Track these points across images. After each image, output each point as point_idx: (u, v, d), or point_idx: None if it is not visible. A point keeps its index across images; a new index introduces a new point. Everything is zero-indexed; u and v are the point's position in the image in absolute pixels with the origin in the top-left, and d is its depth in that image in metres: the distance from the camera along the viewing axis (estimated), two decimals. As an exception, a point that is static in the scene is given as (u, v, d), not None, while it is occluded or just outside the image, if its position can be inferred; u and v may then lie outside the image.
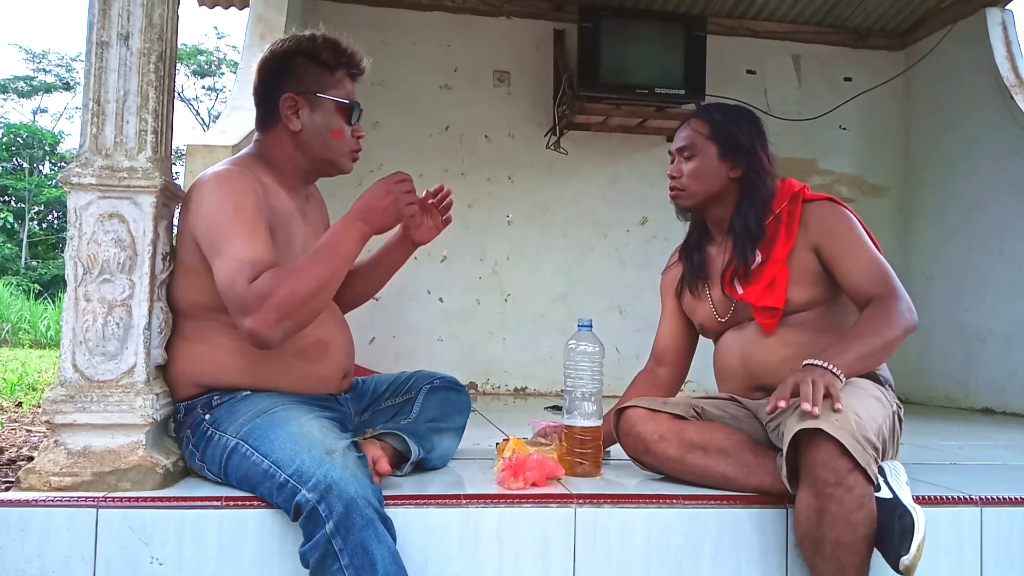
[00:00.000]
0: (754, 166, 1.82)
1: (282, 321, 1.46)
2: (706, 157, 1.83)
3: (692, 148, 1.85)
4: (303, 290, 1.48)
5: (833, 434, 1.42)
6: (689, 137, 1.86)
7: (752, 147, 1.82)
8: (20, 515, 1.46)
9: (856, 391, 1.58)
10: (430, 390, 1.91)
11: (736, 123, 1.85)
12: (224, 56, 21.98)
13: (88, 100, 1.62)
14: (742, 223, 1.81)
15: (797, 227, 1.77)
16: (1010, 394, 3.77)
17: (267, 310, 1.44)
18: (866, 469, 1.43)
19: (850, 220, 1.77)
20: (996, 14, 4.03)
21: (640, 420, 1.77)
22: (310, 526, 1.36)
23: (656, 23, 4.15)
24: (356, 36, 1.77)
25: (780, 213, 1.80)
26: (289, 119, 1.69)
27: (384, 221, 1.62)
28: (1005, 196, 3.86)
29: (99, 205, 1.59)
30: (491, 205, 4.31)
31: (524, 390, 4.25)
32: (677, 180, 1.87)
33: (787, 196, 1.81)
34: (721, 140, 1.83)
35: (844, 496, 1.42)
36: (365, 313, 4.05)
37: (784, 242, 1.77)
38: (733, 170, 1.82)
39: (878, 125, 4.63)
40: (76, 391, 1.56)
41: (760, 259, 1.79)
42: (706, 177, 1.83)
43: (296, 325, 1.50)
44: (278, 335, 1.47)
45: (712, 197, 1.85)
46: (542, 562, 1.58)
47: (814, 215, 1.77)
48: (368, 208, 1.60)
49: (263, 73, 1.73)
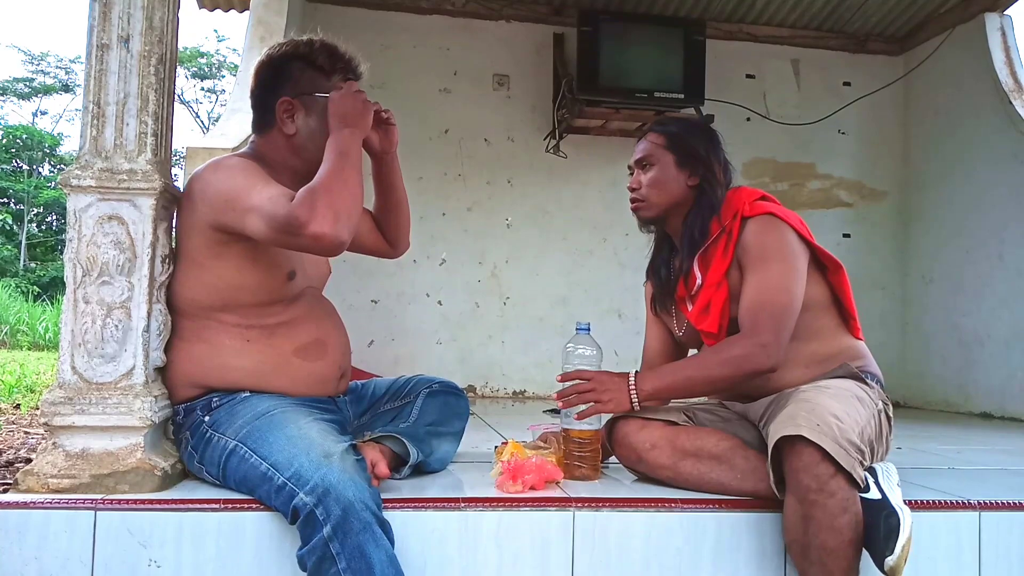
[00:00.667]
0: (707, 175, 1.83)
1: (339, 217, 1.47)
2: (664, 166, 1.84)
3: (650, 158, 1.86)
4: (339, 187, 1.50)
5: (814, 440, 1.43)
6: (646, 148, 1.87)
7: (707, 157, 1.84)
8: (18, 517, 1.46)
9: (837, 393, 1.59)
10: (429, 394, 1.91)
11: (691, 132, 1.87)
12: (224, 59, 22.01)
13: (88, 102, 1.62)
14: (688, 232, 1.82)
15: (734, 246, 1.75)
16: (1008, 398, 3.77)
17: (320, 211, 1.45)
18: (851, 473, 1.44)
19: (770, 240, 1.72)
20: (995, 19, 4.03)
21: (632, 430, 1.77)
22: (308, 529, 1.36)
23: (655, 27, 4.16)
24: (356, 39, 1.78)
25: (723, 229, 1.78)
26: (284, 122, 1.69)
27: (362, 119, 1.62)
28: (1004, 201, 3.86)
29: (99, 207, 1.59)
30: (490, 208, 4.32)
31: (523, 393, 4.24)
32: (637, 191, 1.87)
33: (734, 210, 1.79)
34: (677, 149, 1.84)
35: (827, 501, 1.42)
36: (364, 316, 4.10)
37: (720, 260, 1.76)
38: (691, 178, 1.83)
39: (877, 130, 4.63)
40: (75, 393, 1.56)
41: (699, 281, 1.79)
42: (665, 186, 1.84)
43: (351, 220, 1.50)
44: (343, 231, 1.48)
45: (672, 206, 1.85)
46: (541, 566, 1.57)
47: (747, 231, 1.75)
48: (342, 115, 1.60)
49: (259, 76, 1.74)
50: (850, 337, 1.80)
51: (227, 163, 1.64)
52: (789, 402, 1.59)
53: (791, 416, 1.50)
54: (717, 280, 1.76)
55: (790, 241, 1.73)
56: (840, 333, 1.80)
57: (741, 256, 1.74)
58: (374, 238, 1.99)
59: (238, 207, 1.53)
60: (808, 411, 1.49)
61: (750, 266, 1.72)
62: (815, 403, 1.53)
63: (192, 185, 1.64)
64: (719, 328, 1.75)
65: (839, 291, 1.79)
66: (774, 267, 1.70)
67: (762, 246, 1.72)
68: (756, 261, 1.71)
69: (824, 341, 1.76)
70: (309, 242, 1.47)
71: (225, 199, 1.56)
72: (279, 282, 1.66)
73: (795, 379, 1.71)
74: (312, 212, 1.44)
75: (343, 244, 1.49)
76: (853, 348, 1.78)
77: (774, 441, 1.48)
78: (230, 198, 1.55)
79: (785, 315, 1.67)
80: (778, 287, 1.68)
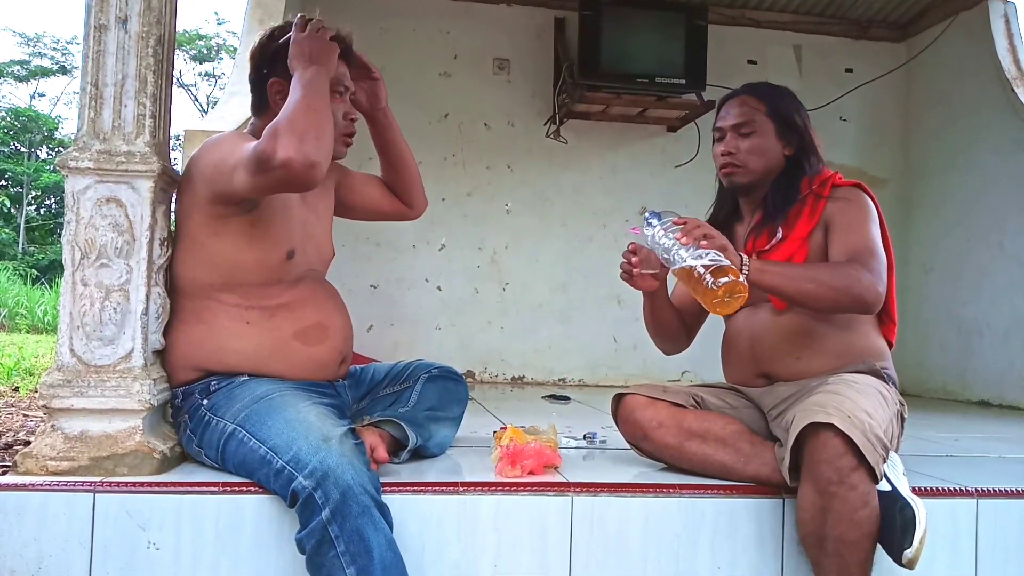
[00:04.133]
0: (804, 145, 1.82)
1: (303, 139, 1.44)
2: (765, 134, 1.82)
3: (751, 125, 1.82)
4: (301, 114, 1.47)
5: (845, 431, 1.41)
6: (747, 113, 1.82)
7: (805, 126, 1.83)
8: (17, 499, 1.46)
9: (864, 388, 1.58)
10: (428, 379, 1.91)
11: (789, 102, 1.85)
12: (223, 42, 21.89)
13: (86, 84, 1.61)
14: (775, 194, 1.80)
15: (823, 207, 1.75)
16: (1007, 387, 3.77)
17: (283, 137, 1.43)
18: (874, 468, 1.43)
19: (864, 205, 1.76)
20: (998, 6, 4.00)
21: (639, 407, 1.77)
22: (306, 513, 1.36)
23: (657, 12, 4.12)
24: (355, 22, 1.77)
25: (808, 195, 1.79)
26: (276, 103, 1.67)
27: (326, 56, 1.59)
28: (1005, 189, 3.85)
29: (97, 189, 1.58)
30: (490, 194, 4.30)
31: (522, 379, 4.24)
32: (734, 156, 1.82)
33: (824, 176, 1.81)
34: (778, 118, 1.82)
35: (848, 494, 1.41)
36: (363, 301, 4.09)
37: (807, 221, 1.76)
38: (787, 148, 1.82)
39: (879, 117, 4.61)
40: (73, 376, 1.55)
41: (780, 235, 1.78)
42: (765, 154, 1.81)
43: (319, 142, 1.47)
44: (310, 152, 1.44)
45: (767, 174, 1.83)
46: (539, 550, 1.58)
47: (837, 195, 1.77)
48: (307, 55, 1.57)
49: (254, 59, 1.74)
50: (881, 338, 1.81)
51: (218, 138, 1.67)
52: (816, 392, 1.58)
53: (820, 404, 1.49)
54: (802, 237, 1.75)
55: (877, 216, 1.77)
56: (875, 332, 1.80)
57: (832, 217, 1.74)
58: (389, 201, 2.00)
59: (225, 169, 1.54)
60: (838, 403, 1.48)
61: (845, 222, 1.72)
62: (844, 395, 1.52)
63: (189, 165, 1.66)
64: None
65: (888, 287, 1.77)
66: (871, 227, 1.72)
67: (858, 207, 1.74)
68: (852, 219, 1.72)
69: (861, 335, 1.76)
70: (281, 173, 1.44)
71: (214, 166, 1.58)
72: (278, 260, 1.65)
73: (823, 366, 1.71)
74: (275, 141, 1.43)
75: (315, 165, 1.45)
76: (881, 349, 1.79)
77: (800, 427, 1.46)
78: (218, 164, 1.57)
79: (883, 267, 1.68)
80: (876, 243, 1.71)
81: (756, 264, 1.57)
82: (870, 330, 1.79)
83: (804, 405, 1.52)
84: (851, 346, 1.74)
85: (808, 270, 1.65)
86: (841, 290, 1.60)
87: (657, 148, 4.38)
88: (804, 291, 1.61)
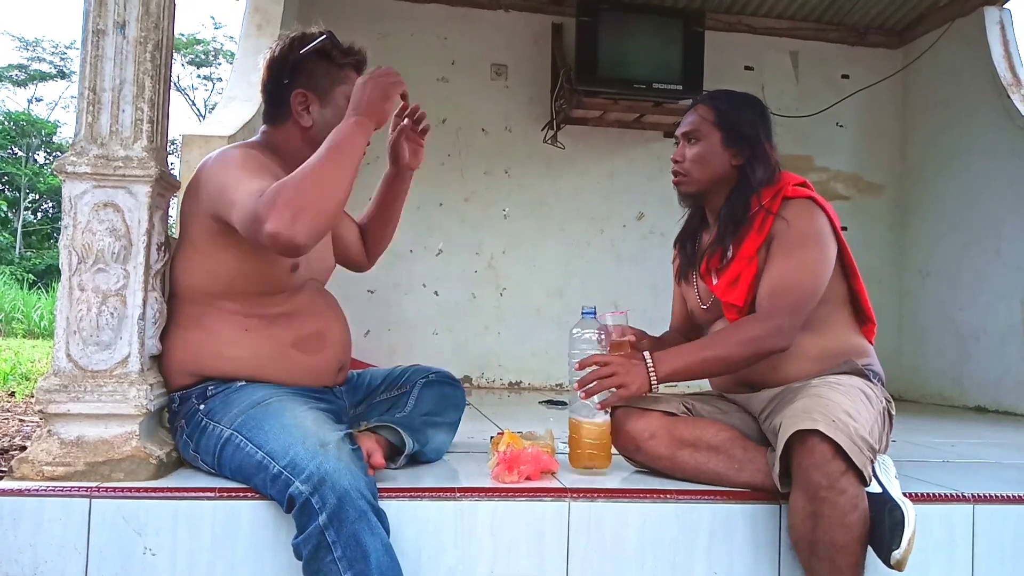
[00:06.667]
0: (755, 154, 1.81)
1: (297, 217, 1.39)
2: (710, 143, 1.82)
3: (697, 133, 1.83)
4: (310, 185, 1.43)
5: (831, 435, 1.42)
6: (695, 122, 1.84)
7: (756, 135, 1.81)
8: (13, 504, 1.46)
9: (848, 390, 1.58)
10: (425, 384, 1.91)
11: (742, 111, 1.84)
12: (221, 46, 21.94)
13: (84, 88, 1.61)
14: (728, 210, 1.80)
15: (771, 223, 1.74)
16: (1003, 392, 3.78)
17: (279, 209, 1.39)
18: (862, 471, 1.43)
19: (805, 225, 1.72)
20: (994, 13, 4.03)
21: (631, 418, 1.77)
22: (303, 518, 1.36)
23: (655, 18, 4.14)
24: (353, 27, 1.78)
25: (759, 210, 1.77)
26: (300, 115, 1.69)
27: (378, 107, 1.59)
28: (1001, 195, 3.86)
29: (94, 194, 1.58)
30: (488, 199, 4.31)
31: (519, 384, 4.25)
32: (680, 164, 1.85)
33: (775, 189, 1.79)
34: (726, 127, 1.82)
35: (837, 499, 1.42)
36: (360, 306, 4.08)
37: (755, 238, 1.75)
38: (735, 158, 1.81)
39: (875, 123, 4.63)
40: (70, 381, 1.55)
41: (731, 253, 1.79)
42: (708, 163, 1.82)
43: (315, 221, 1.42)
44: (302, 233, 1.40)
45: (713, 184, 1.83)
46: (536, 556, 1.58)
47: (786, 211, 1.74)
48: (358, 100, 1.57)
49: (273, 69, 1.72)
50: (860, 336, 1.80)
51: (230, 155, 1.63)
52: (799, 397, 1.58)
53: (805, 410, 1.49)
54: (750, 255, 1.75)
55: (825, 229, 1.73)
56: (852, 331, 1.80)
57: (775, 235, 1.73)
58: (357, 248, 2.01)
59: (225, 199, 1.53)
60: (822, 407, 1.48)
61: (782, 247, 1.71)
62: (828, 399, 1.52)
63: (200, 172, 1.64)
64: (744, 302, 1.74)
65: (856, 290, 1.79)
66: (805, 251, 1.70)
67: (798, 229, 1.72)
68: (789, 243, 1.71)
69: (836, 337, 1.76)
70: (267, 241, 1.41)
71: (218, 190, 1.56)
72: (282, 272, 1.65)
73: (802, 372, 1.71)
74: (271, 209, 1.39)
75: (300, 247, 1.42)
76: (861, 347, 1.78)
77: (788, 434, 1.47)
78: (221, 190, 1.54)
79: (806, 298, 1.67)
80: (805, 270, 1.69)
81: (661, 370, 1.66)
82: (846, 330, 1.79)
83: (790, 411, 1.53)
84: (828, 349, 1.74)
85: (710, 347, 1.70)
86: (750, 351, 1.65)
87: (654, 153, 4.39)
88: (715, 367, 1.70)
